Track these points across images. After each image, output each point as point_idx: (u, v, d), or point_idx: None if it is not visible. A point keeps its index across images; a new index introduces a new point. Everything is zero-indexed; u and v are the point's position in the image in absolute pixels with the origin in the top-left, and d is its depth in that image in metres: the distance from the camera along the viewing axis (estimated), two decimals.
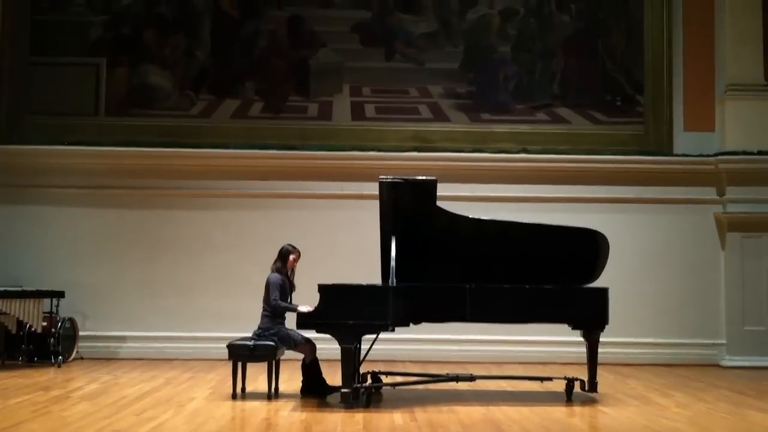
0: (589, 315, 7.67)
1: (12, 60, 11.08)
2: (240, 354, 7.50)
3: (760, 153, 10.79)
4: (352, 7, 11.39)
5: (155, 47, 11.22)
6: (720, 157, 10.85)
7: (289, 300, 7.68)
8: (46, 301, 9.71)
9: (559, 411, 7.14)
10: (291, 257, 7.78)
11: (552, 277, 7.74)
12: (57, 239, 10.72)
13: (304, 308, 7.31)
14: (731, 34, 11.02)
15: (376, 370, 8.14)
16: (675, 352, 10.62)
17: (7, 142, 10.83)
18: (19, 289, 9.66)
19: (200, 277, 10.70)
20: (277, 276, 7.63)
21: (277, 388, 7.68)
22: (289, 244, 7.88)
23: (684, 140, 11.08)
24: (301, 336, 7.57)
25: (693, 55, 11.22)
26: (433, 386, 8.15)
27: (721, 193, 10.93)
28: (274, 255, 7.85)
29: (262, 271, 8.31)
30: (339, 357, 7.14)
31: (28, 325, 9.45)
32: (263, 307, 7.64)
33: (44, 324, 9.60)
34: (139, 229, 10.81)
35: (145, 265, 10.72)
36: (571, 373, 7.98)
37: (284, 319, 7.65)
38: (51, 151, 10.77)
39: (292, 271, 7.87)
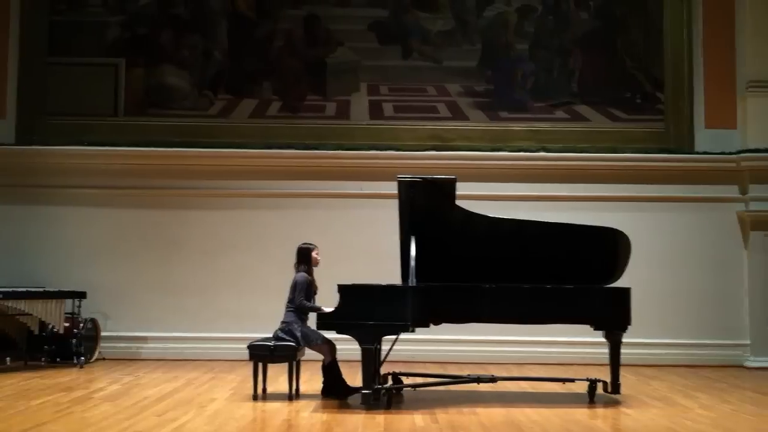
0: (611, 315, 7.60)
1: (30, 61, 11.11)
2: (260, 354, 7.50)
3: None
4: (368, 6, 11.34)
5: (172, 48, 11.24)
6: (742, 155, 10.73)
7: (312, 302, 7.66)
8: (68, 302, 9.76)
9: (581, 413, 7.09)
10: (314, 254, 7.78)
11: (573, 277, 7.69)
12: (76, 239, 10.76)
13: (328, 310, 7.32)
14: (752, 30, 10.90)
15: (397, 371, 8.12)
16: (698, 353, 10.51)
17: (25, 143, 10.90)
18: (42, 289, 9.71)
19: (219, 277, 10.71)
20: (304, 276, 7.63)
21: (297, 389, 7.67)
22: (304, 242, 7.87)
23: (705, 138, 10.98)
24: (322, 336, 7.56)
25: (713, 51, 11.10)
26: (454, 387, 8.12)
27: (743, 192, 10.81)
28: (293, 254, 7.83)
29: (280, 272, 8.34)
30: (359, 358, 7.14)
31: (50, 326, 9.48)
32: (287, 304, 7.64)
33: (66, 325, 9.62)
34: (158, 229, 10.83)
35: (164, 266, 10.74)
36: (594, 374, 7.91)
37: (308, 317, 7.64)
38: (69, 151, 10.81)
39: None
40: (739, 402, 7.72)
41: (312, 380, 8.17)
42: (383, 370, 7.80)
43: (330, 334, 7.47)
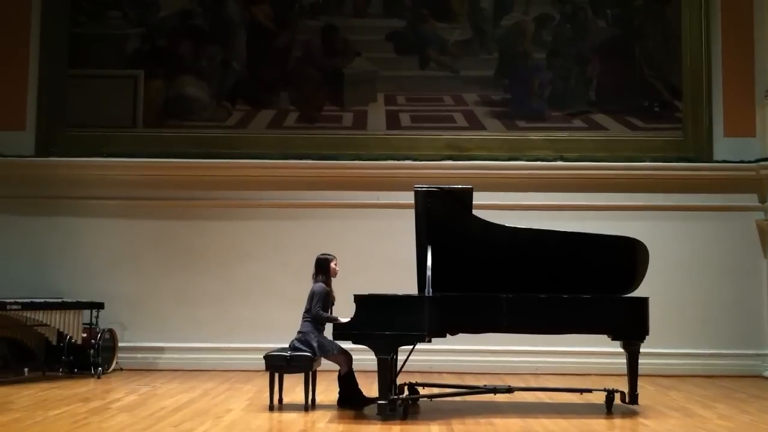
0: (629, 325, 7.55)
1: (50, 73, 11.20)
2: (277, 365, 7.51)
3: None
4: (386, 16, 11.36)
5: (191, 59, 11.30)
6: (761, 163, 10.63)
7: (329, 312, 7.68)
8: (86, 313, 9.80)
9: (598, 423, 7.04)
10: (332, 264, 7.79)
11: (590, 286, 7.65)
12: (95, 250, 10.82)
13: (345, 320, 7.30)
14: None
15: (413, 381, 8.11)
16: (717, 363, 10.41)
17: (45, 155, 10.98)
18: (60, 300, 9.77)
19: (236, 287, 10.74)
20: (321, 286, 7.65)
21: (314, 400, 7.67)
22: (323, 253, 7.87)
23: (724, 146, 10.89)
24: (339, 346, 7.55)
25: (732, 59, 11.02)
26: (471, 398, 8.07)
27: (763, 200, 10.72)
28: (310, 265, 7.85)
29: (296, 281, 8.38)
30: (375, 368, 7.11)
31: (68, 337, 9.53)
32: (304, 315, 7.65)
33: (84, 335, 9.68)
34: (176, 240, 10.88)
35: (181, 276, 10.78)
36: (611, 384, 7.85)
37: (324, 328, 7.65)
38: (89, 162, 10.89)
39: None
40: (759, 412, 7.63)
41: (328, 391, 8.16)
42: (399, 380, 7.78)
43: (346, 345, 7.47)
